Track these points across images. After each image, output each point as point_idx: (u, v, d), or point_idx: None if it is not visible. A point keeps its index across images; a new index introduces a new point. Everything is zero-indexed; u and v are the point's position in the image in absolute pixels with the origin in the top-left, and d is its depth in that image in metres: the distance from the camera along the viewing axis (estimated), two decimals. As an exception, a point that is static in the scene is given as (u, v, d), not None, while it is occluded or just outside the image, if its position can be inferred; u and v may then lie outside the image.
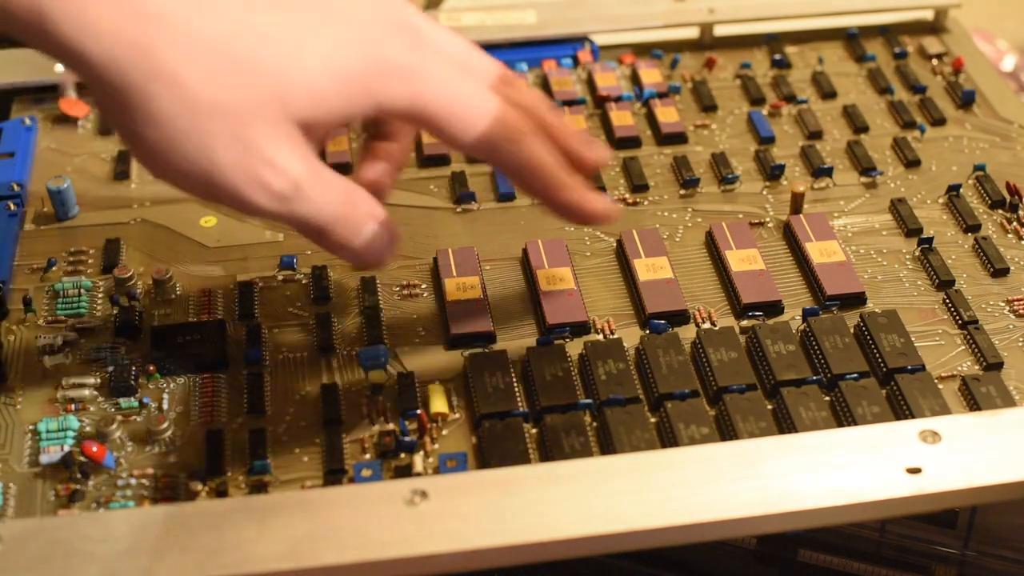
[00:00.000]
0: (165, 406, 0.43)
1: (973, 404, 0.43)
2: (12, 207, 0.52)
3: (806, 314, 0.46)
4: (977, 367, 0.45)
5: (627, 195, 0.53)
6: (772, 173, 0.54)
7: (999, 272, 0.49)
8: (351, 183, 0.38)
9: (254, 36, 0.35)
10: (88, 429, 0.42)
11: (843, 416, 0.42)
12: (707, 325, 0.46)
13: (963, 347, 0.46)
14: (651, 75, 0.60)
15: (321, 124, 0.36)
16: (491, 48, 0.61)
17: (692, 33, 0.63)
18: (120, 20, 0.33)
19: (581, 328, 0.46)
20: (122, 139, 0.35)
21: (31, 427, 0.42)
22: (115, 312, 0.47)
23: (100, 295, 0.48)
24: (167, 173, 0.35)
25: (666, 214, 0.52)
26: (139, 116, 0.34)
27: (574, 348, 0.45)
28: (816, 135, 0.57)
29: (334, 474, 0.41)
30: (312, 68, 0.35)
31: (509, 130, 0.38)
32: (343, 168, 0.54)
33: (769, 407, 0.43)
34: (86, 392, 0.44)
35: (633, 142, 0.56)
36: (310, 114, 0.35)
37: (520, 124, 0.39)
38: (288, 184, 0.35)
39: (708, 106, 0.59)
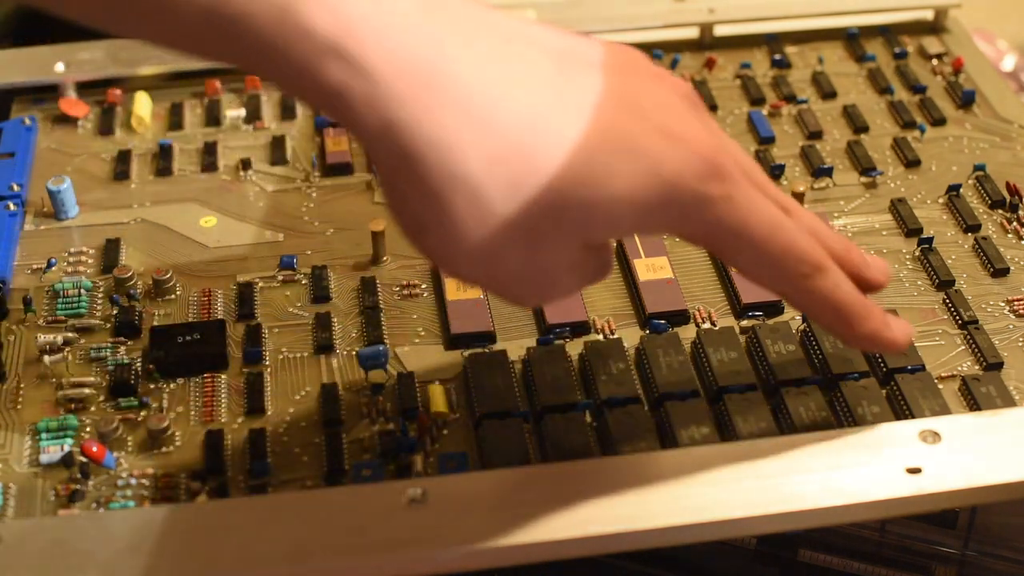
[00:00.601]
0: (165, 406, 0.43)
1: (973, 404, 0.43)
2: (12, 207, 0.51)
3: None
4: (977, 367, 0.45)
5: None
6: (772, 173, 0.54)
7: (999, 272, 0.49)
8: None
9: (565, 154, 0.32)
10: (88, 429, 0.42)
11: (843, 416, 0.42)
12: (707, 325, 0.46)
13: (963, 347, 0.45)
14: (651, 75, 0.60)
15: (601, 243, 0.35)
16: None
17: (692, 33, 0.63)
18: (436, 107, 0.31)
19: (581, 328, 0.46)
20: (403, 223, 0.33)
21: (31, 427, 0.42)
22: (115, 312, 0.47)
23: (100, 295, 0.48)
24: (446, 266, 0.34)
25: (666, 214, 0.52)
26: (430, 213, 0.32)
27: (574, 348, 0.45)
28: (816, 135, 0.57)
29: (334, 474, 0.41)
30: (615, 194, 0.32)
31: (803, 264, 0.36)
32: (343, 168, 0.54)
33: (769, 407, 0.43)
34: (86, 392, 0.44)
35: (633, 142, 0.56)
36: (603, 238, 0.34)
37: (816, 254, 0.36)
38: (562, 296, 0.35)
39: (708, 106, 0.59)
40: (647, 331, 0.46)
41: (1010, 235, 0.51)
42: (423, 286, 0.48)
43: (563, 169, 0.32)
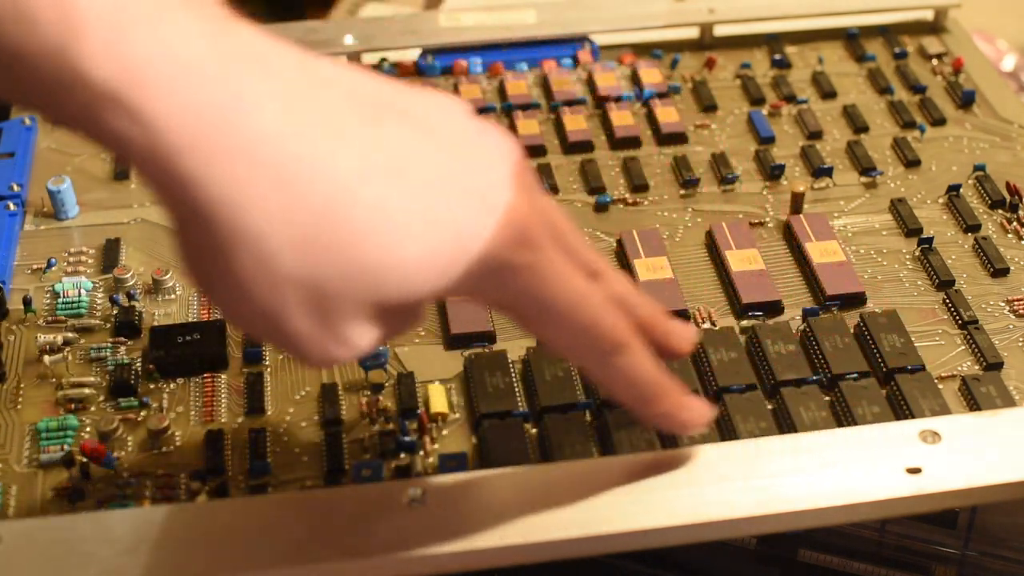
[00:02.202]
0: (165, 406, 0.43)
1: (973, 404, 0.43)
2: (12, 207, 0.52)
3: (806, 314, 0.46)
4: (977, 367, 0.45)
5: (627, 195, 0.53)
6: (772, 173, 0.54)
7: (999, 272, 0.49)
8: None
9: (364, 213, 0.30)
10: (88, 429, 0.42)
11: (843, 416, 0.42)
12: (707, 325, 0.46)
13: (963, 347, 0.45)
14: (651, 75, 0.60)
15: (402, 308, 0.33)
16: (491, 48, 0.62)
17: (692, 33, 0.63)
18: (223, 161, 0.29)
19: (581, 328, 0.46)
20: (191, 275, 0.32)
21: (31, 427, 0.42)
22: (115, 312, 0.47)
23: (100, 295, 0.48)
24: (232, 320, 0.33)
25: (666, 214, 0.52)
26: (217, 266, 0.30)
27: (574, 348, 0.45)
28: (816, 135, 0.57)
29: (334, 474, 0.41)
30: (411, 258, 0.31)
31: (603, 341, 0.35)
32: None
33: (769, 407, 0.43)
34: (86, 392, 0.44)
35: (633, 142, 0.56)
36: (396, 302, 0.32)
37: (618, 332, 0.35)
38: (349, 356, 0.33)
39: (708, 106, 0.59)
40: (647, 331, 0.46)
41: (1010, 235, 0.51)
42: (423, 286, 0.48)
43: (356, 230, 0.30)
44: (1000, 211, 0.52)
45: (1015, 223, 0.51)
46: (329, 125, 0.31)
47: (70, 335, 0.46)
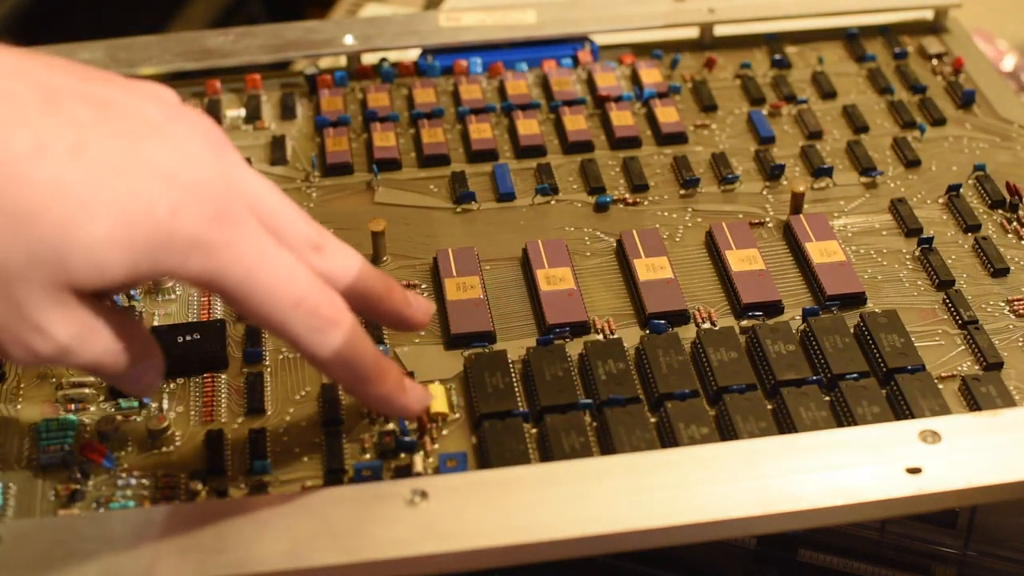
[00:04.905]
0: (165, 406, 0.43)
1: (973, 404, 0.43)
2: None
3: (806, 314, 0.46)
4: (977, 367, 0.45)
5: (627, 195, 0.53)
6: (772, 173, 0.54)
7: (999, 272, 0.49)
8: (119, 336, 0.35)
9: (40, 191, 0.31)
10: (88, 429, 0.42)
11: (843, 416, 0.42)
12: (707, 325, 0.46)
13: (963, 347, 0.45)
14: (651, 75, 0.60)
15: (101, 289, 0.33)
16: (491, 48, 0.62)
17: (692, 33, 0.63)
18: None
19: (581, 328, 0.46)
20: None
21: (31, 427, 0.42)
22: (115, 312, 0.47)
23: (100, 295, 0.48)
24: None
25: (666, 214, 0.52)
26: None
27: (574, 348, 0.45)
28: (816, 135, 0.57)
29: (334, 474, 0.41)
30: (96, 235, 0.31)
31: (313, 318, 0.35)
32: (343, 168, 0.54)
33: (769, 407, 0.43)
34: (86, 392, 0.44)
35: (633, 142, 0.56)
36: (88, 282, 0.32)
37: (330, 309, 0.35)
38: (53, 349, 0.33)
39: (708, 106, 0.59)
40: (647, 331, 0.46)
41: (1010, 235, 0.51)
42: (423, 286, 0.48)
43: (33, 209, 0.31)
44: (1000, 211, 0.52)
45: (1015, 223, 0.51)
46: (4, 111, 0.31)
47: (70, 335, 0.46)
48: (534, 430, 0.42)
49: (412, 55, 0.62)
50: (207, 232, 0.33)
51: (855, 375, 0.43)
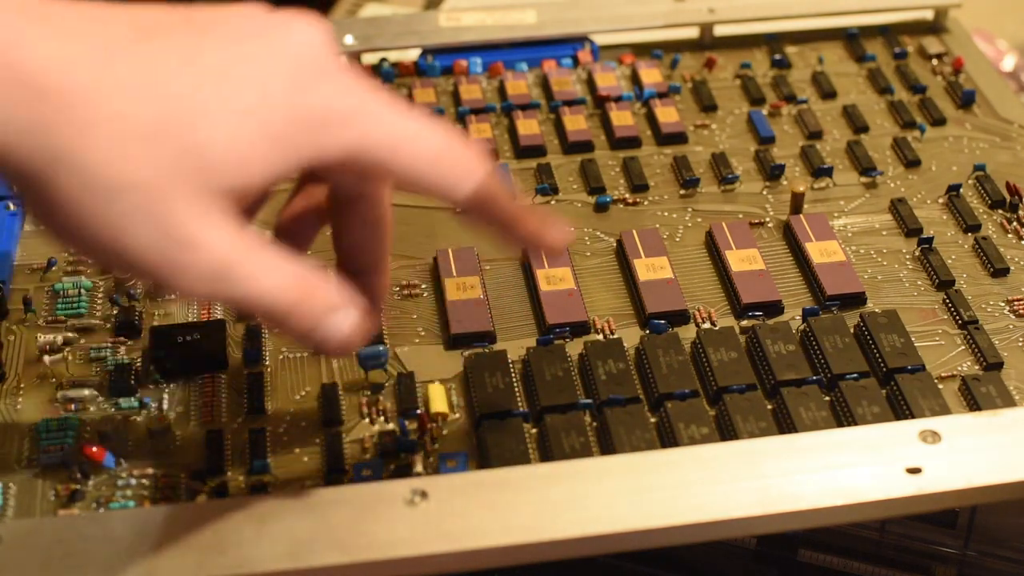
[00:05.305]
0: (165, 406, 0.43)
1: (973, 404, 0.43)
2: (12, 207, 0.51)
3: (806, 314, 0.46)
4: (977, 367, 0.45)
5: (627, 195, 0.53)
6: (772, 173, 0.54)
7: (999, 272, 0.49)
8: (305, 265, 0.34)
9: (161, 101, 0.31)
10: (88, 429, 0.42)
11: (843, 416, 0.42)
12: (707, 325, 0.46)
13: (963, 347, 0.45)
14: (651, 75, 0.60)
15: (249, 190, 0.32)
16: (491, 48, 0.62)
17: (692, 33, 0.63)
18: (14, 101, 0.30)
19: (581, 328, 0.46)
20: (36, 221, 0.32)
21: (31, 427, 0.42)
22: (115, 312, 0.47)
23: (100, 295, 0.48)
24: (89, 256, 0.32)
25: (666, 214, 0.52)
26: (45, 200, 0.30)
27: (574, 348, 0.45)
28: (816, 135, 0.57)
29: (334, 474, 0.41)
30: (229, 130, 0.31)
31: (470, 157, 0.35)
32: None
33: (769, 407, 0.43)
34: (86, 392, 0.44)
35: (633, 142, 0.56)
36: (234, 181, 0.32)
37: (474, 147, 0.36)
38: (215, 264, 0.31)
39: (708, 106, 0.59)
40: (647, 331, 0.46)
41: (1010, 235, 0.51)
42: (423, 286, 0.48)
43: (165, 121, 0.31)
44: (1000, 211, 0.52)
45: (1015, 223, 0.51)
46: (110, 41, 0.31)
47: (70, 335, 0.46)
48: (534, 430, 0.42)
49: (412, 55, 0.62)
50: (339, 100, 0.33)
51: (855, 375, 0.43)
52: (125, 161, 0.30)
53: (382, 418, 0.43)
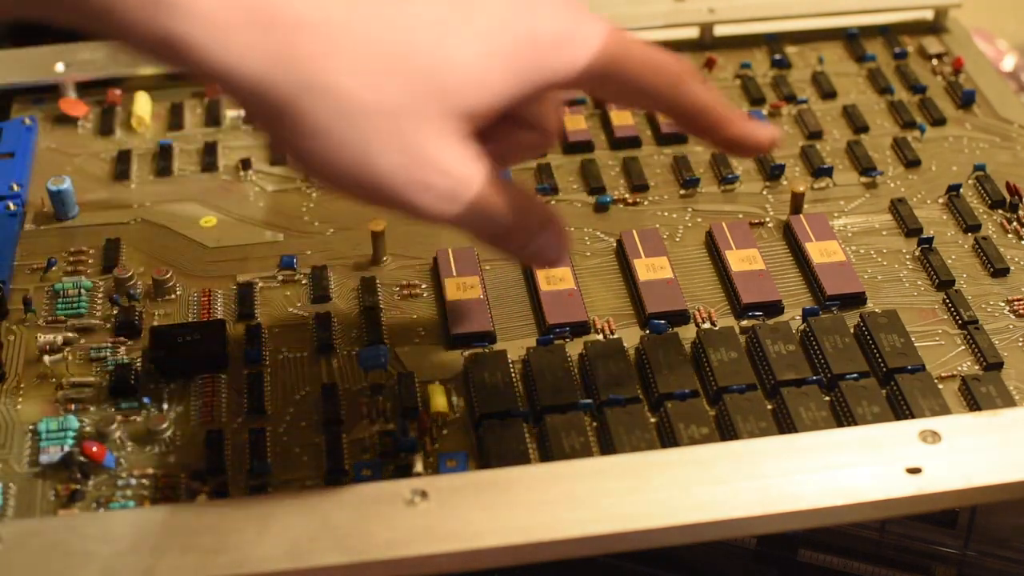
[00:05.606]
0: (165, 406, 0.43)
1: (973, 404, 0.43)
2: (12, 207, 0.52)
3: (806, 314, 0.46)
4: (977, 367, 0.45)
5: (627, 195, 0.53)
6: (772, 173, 0.54)
7: (999, 272, 0.49)
8: (522, 188, 0.36)
9: (401, 28, 0.32)
10: (88, 429, 0.42)
11: (843, 416, 0.42)
12: (707, 325, 0.46)
13: (963, 347, 0.45)
14: (651, 75, 0.60)
15: (486, 112, 0.34)
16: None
17: (692, 33, 0.63)
18: (259, 35, 0.31)
19: (581, 328, 0.46)
20: (285, 153, 0.33)
21: (31, 427, 0.42)
22: (115, 312, 0.47)
23: (100, 295, 0.48)
24: (334, 183, 0.33)
25: (666, 214, 0.52)
26: (296, 129, 0.32)
27: (574, 348, 0.45)
28: (816, 135, 0.57)
29: (334, 474, 0.41)
30: (469, 53, 0.33)
31: (685, 68, 0.37)
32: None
33: (769, 407, 0.43)
34: (86, 392, 0.44)
35: (633, 142, 0.56)
36: (474, 103, 0.33)
37: (684, 63, 0.38)
38: (455, 185, 0.33)
39: (708, 106, 0.59)
40: (647, 331, 0.46)
41: (1010, 235, 0.51)
42: (423, 286, 0.48)
43: (404, 45, 0.32)
44: (1000, 211, 0.52)
45: (1015, 223, 0.51)
46: None
47: (70, 335, 0.46)
48: (534, 430, 0.42)
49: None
50: (566, 26, 0.35)
51: (855, 375, 0.43)
52: (374, 86, 0.32)
53: (382, 418, 0.43)
